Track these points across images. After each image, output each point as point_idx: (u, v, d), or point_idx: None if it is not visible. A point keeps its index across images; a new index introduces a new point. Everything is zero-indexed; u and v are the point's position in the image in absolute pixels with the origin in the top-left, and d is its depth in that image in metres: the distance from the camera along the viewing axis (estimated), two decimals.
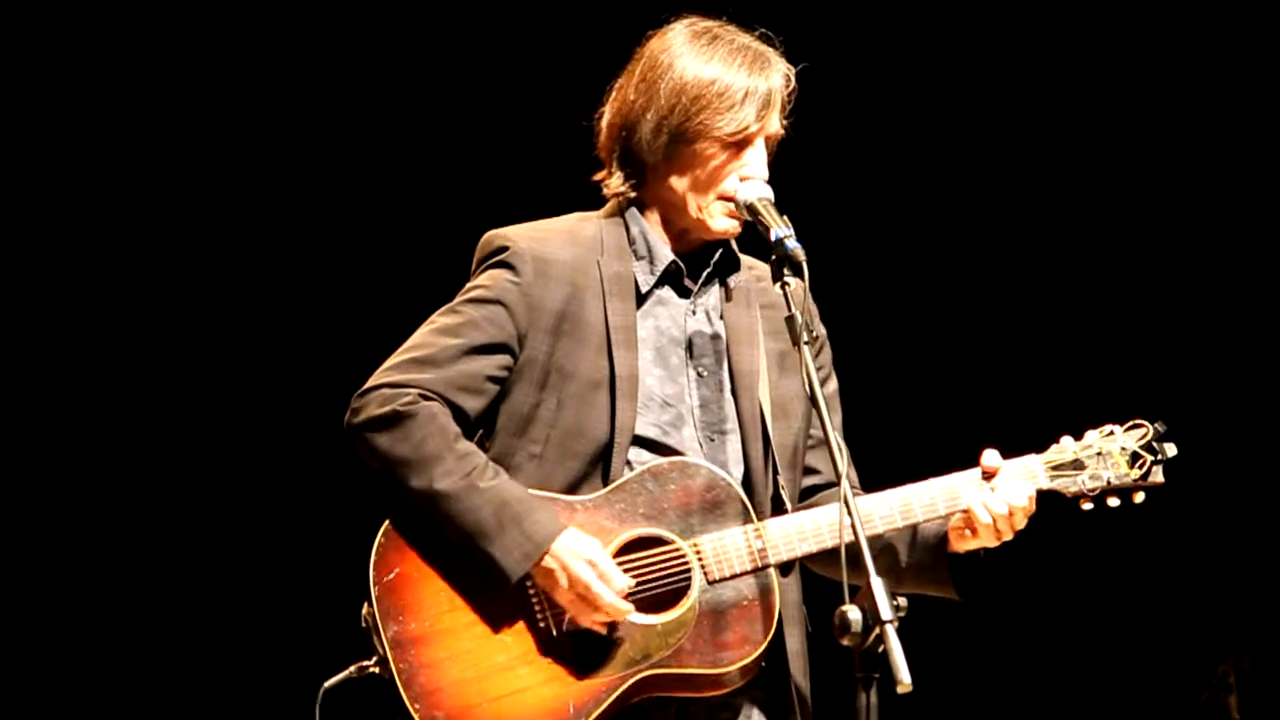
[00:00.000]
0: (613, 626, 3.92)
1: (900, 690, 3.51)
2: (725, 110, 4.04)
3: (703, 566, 3.96)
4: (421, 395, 3.96)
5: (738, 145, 4.08)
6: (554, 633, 3.92)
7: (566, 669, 3.91)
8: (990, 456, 4.05)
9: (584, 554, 3.90)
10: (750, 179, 4.08)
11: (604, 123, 4.19)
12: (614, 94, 4.19)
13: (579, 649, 3.92)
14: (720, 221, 4.09)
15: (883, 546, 4.09)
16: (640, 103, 4.11)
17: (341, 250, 6.93)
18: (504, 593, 3.92)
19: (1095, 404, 4.34)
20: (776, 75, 4.10)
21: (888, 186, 7.31)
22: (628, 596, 3.91)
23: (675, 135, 4.06)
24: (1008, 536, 4.05)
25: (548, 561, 3.89)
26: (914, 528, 4.09)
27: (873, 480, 4.12)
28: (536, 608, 3.93)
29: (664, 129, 4.07)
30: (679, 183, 4.09)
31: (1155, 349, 7.29)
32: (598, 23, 4.29)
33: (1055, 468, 4.08)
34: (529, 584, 3.92)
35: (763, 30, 4.19)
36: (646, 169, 4.13)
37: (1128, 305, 7.36)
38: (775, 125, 4.12)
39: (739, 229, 4.11)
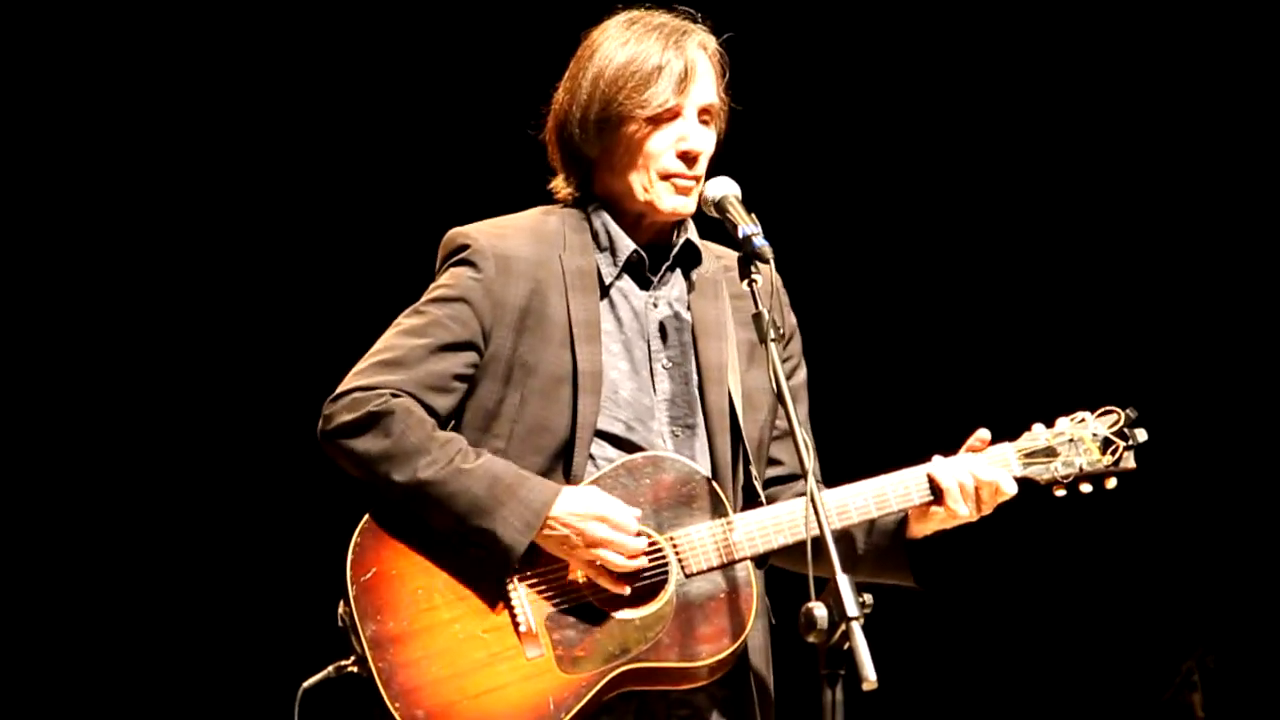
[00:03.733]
0: (592, 619, 3.92)
1: (866, 688, 3.51)
2: (643, 89, 4.06)
3: (679, 560, 3.95)
4: (393, 394, 3.96)
5: (666, 120, 4.08)
6: (533, 628, 3.91)
7: (546, 665, 3.89)
8: (982, 432, 4.07)
9: (591, 510, 3.91)
10: (689, 153, 4.07)
11: (547, 129, 4.21)
12: (552, 99, 4.21)
13: (558, 645, 3.90)
14: (668, 200, 4.08)
15: (840, 533, 4.05)
16: (568, 100, 4.14)
17: (307, 254, 6.92)
18: (493, 591, 3.91)
19: (1063, 391, 4.37)
20: (692, 47, 4.10)
21: (860, 181, 7.33)
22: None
23: (602, 124, 4.08)
24: (986, 509, 4.03)
25: (554, 528, 3.90)
26: None
27: (844, 473, 4.11)
28: (515, 604, 3.91)
29: (591, 120, 4.09)
30: (620, 170, 4.10)
31: (1123, 339, 7.32)
32: (566, 20, 4.29)
33: (1028, 455, 4.08)
34: (512, 578, 3.91)
35: (686, 9, 4.19)
36: (590, 164, 4.14)
37: (1096, 293, 7.40)
38: (705, 96, 4.11)
39: (692, 207, 4.11)
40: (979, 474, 4.03)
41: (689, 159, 4.09)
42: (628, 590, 3.93)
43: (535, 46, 4.92)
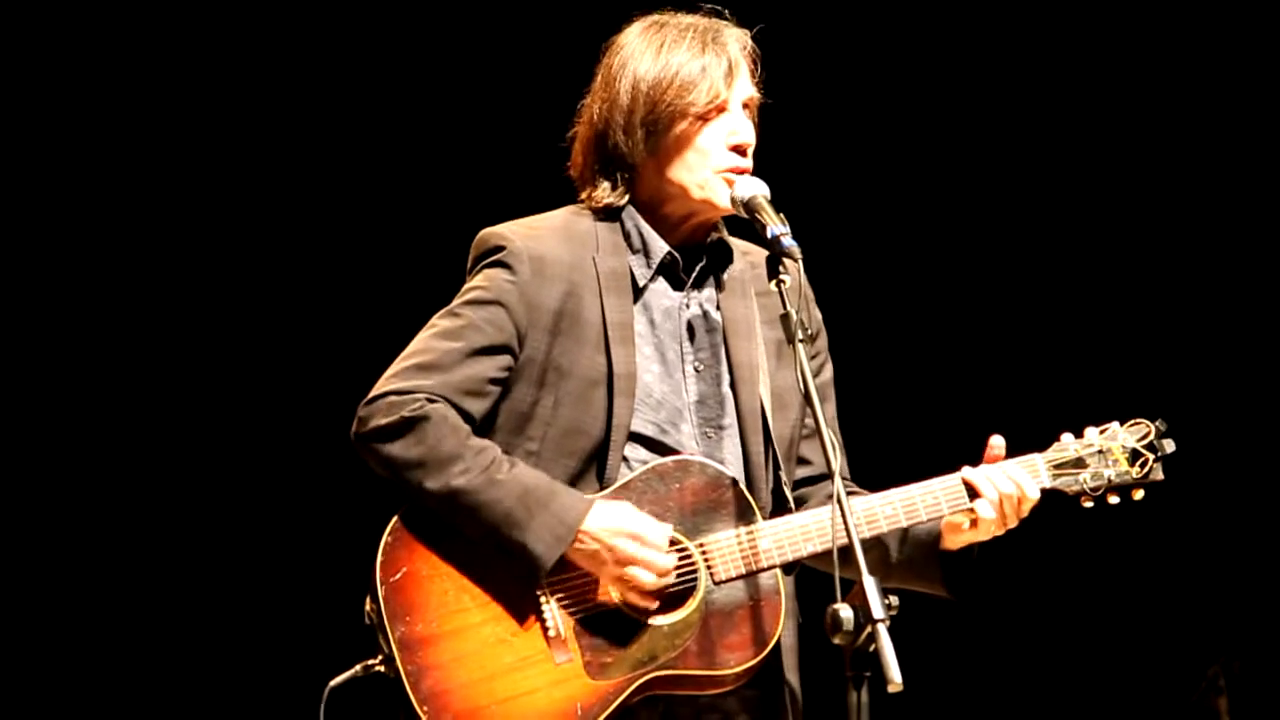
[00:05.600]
0: (621, 625, 3.92)
1: (891, 689, 3.51)
2: (691, 85, 4.05)
3: (708, 567, 3.96)
4: (428, 399, 3.95)
5: (714, 116, 4.08)
6: (562, 634, 3.91)
7: (574, 671, 3.90)
8: (996, 439, 4.06)
9: (622, 527, 3.91)
10: (741, 146, 4.08)
11: (578, 140, 4.19)
12: (582, 112, 4.20)
13: (587, 651, 3.91)
14: (724, 195, 4.07)
15: (873, 541, 4.07)
16: (605, 110, 4.12)
17: (341, 252, 6.92)
18: (524, 595, 3.92)
19: (1087, 402, 4.36)
20: (731, 42, 4.11)
21: (888, 183, 7.32)
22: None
23: (650, 127, 4.07)
24: (1012, 523, 4.04)
25: (585, 543, 3.90)
26: None
27: (872, 478, 4.12)
28: (545, 608, 3.92)
29: (637, 126, 4.08)
30: (673, 171, 4.09)
31: (1148, 349, 7.31)
32: (589, 23, 4.30)
33: (1058, 466, 4.08)
34: (542, 584, 3.91)
35: (709, 5, 4.20)
36: (635, 171, 4.12)
37: (1122, 303, 7.38)
38: (747, 90, 4.12)
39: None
40: (1011, 476, 4.02)
41: (741, 151, 4.10)
42: (655, 605, 3.93)
43: (560, 48, 4.94)
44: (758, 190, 4.04)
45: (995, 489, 4.02)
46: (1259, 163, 7.32)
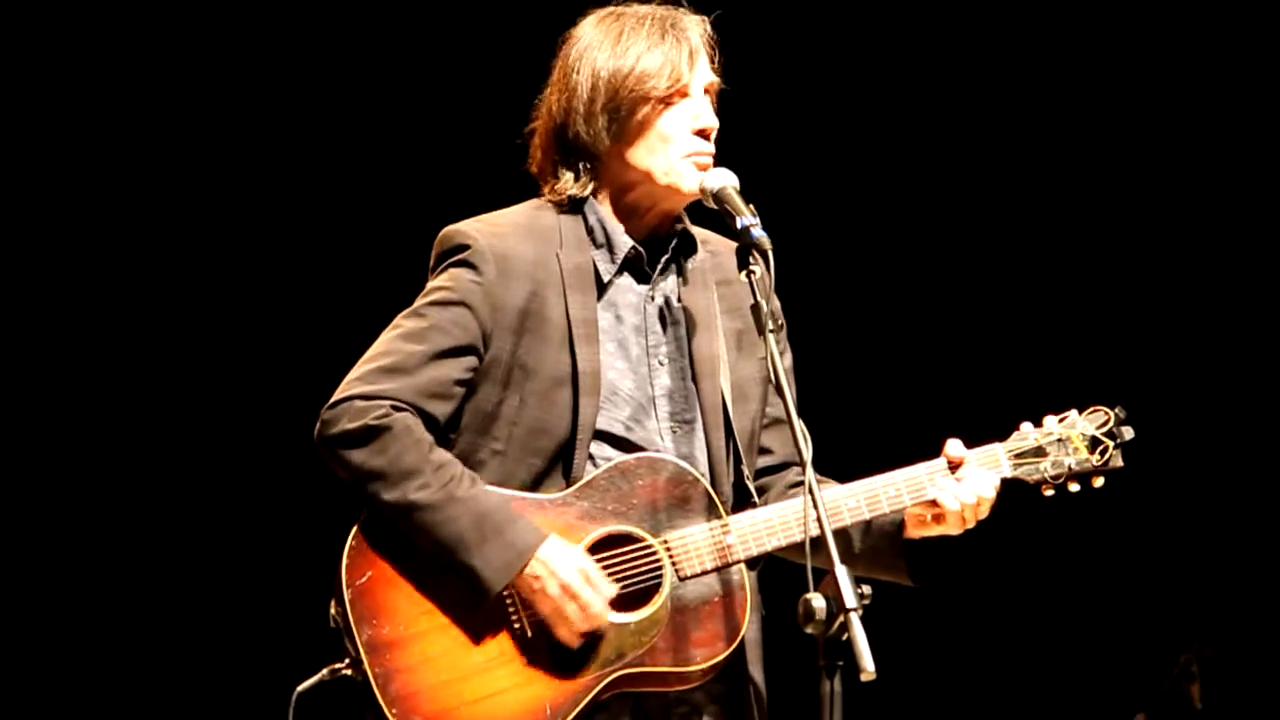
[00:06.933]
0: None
1: (864, 678, 3.53)
2: (652, 69, 4.05)
3: (673, 563, 3.96)
4: (393, 407, 3.94)
5: (676, 100, 4.08)
6: (529, 634, 3.91)
7: (543, 670, 3.90)
8: (954, 446, 4.07)
9: (571, 562, 3.90)
10: (705, 130, 4.08)
11: (537, 135, 4.18)
12: (539, 106, 4.20)
13: (554, 650, 3.91)
14: (691, 178, 4.06)
15: (836, 532, 4.05)
16: (565, 101, 4.11)
17: (300, 252, 6.92)
18: (482, 602, 3.91)
19: (1046, 390, 4.38)
20: (691, 27, 4.12)
21: (853, 178, 7.34)
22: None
23: (613, 114, 4.07)
24: (972, 525, 4.06)
25: (533, 568, 3.89)
26: None
27: (835, 469, 4.12)
28: (511, 609, 3.92)
29: (598, 113, 4.07)
30: (637, 157, 4.08)
31: (1110, 336, 7.33)
32: (545, 19, 4.31)
33: (1018, 455, 4.09)
34: (507, 590, 3.91)
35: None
36: (598, 161, 4.11)
37: (1082, 290, 7.40)
38: (707, 75, 4.12)
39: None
40: (973, 486, 4.03)
41: (705, 135, 4.10)
42: (579, 644, 3.92)
43: (518, 44, 4.94)
44: (727, 181, 4.03)
45: (958, 501, 4.03)
46: (1221, 150, 7.35)
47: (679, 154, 4.07)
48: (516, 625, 3.92)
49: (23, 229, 6.77)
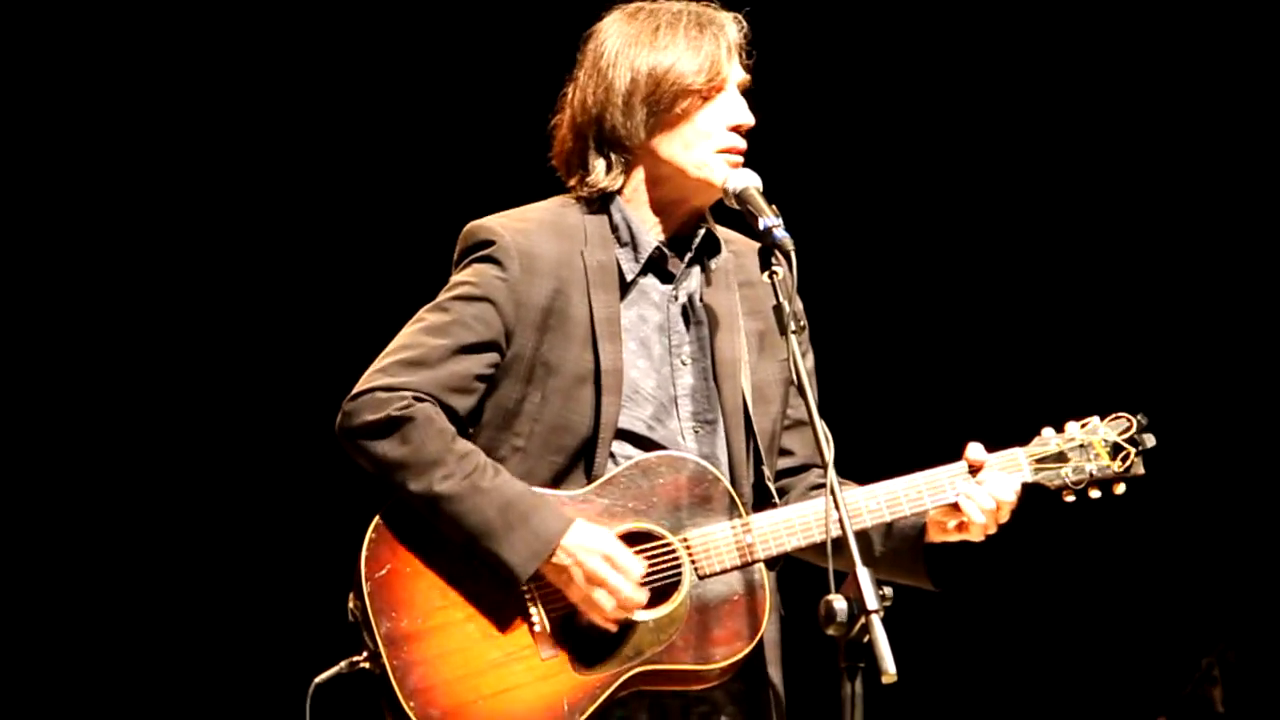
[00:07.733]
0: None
1: (885, 680, 3.52)
2: (692, 62, 4.05)
3: (693, 561, 3.96)
4: (415, 398, 3.94)
5: (714, 95, 4.08)
6: (548, 629, 3.92)
7: (561, 666, 3.91)
8: (975, 450, 4.06)
9: (597, 547, 3.90)
10: (740, 126, 4.08)
11: (564, 128, 4.17)
12: (568, 99, 4.18)
13: (573, 645, 3.92)
14: (723, 174, 4.06)
15: (857, 534, 4.07)
16: (601, 94, 4.09)
17: (323, 246, 6.93)
18: (508, 591, 3.91)
19: (1068, 395, 4.37)
20: (727, 24, 4.12)
21: (875, 180, 7.33)
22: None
23: (653, 106, 4.06)
24: (993, 531, 4.06)
25: (559, 557, 3.89)
26: None
27: (856, 472, 4.12)
28: (530, 604, 3.92)
29: (637, 105, 4.06)
30: (672, 150, 4.08)
31: (1133, 340, 7.32)
32: (564, 17, 4.31)
33: (1039, 461, 4.09)
34: (528, 583, 3.91)
35: None
36: (632, 151, 4.10)
37: (1104, 296, 7.39)
38: (742, 72, 4.13)
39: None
40: (993, 491, 4.03)
41: (740, 131, 4.10)
42: (615, 628, 3.92)
43: (540, 42, 4.95)
44: (750, 182, 4.03)
45: (978, 508, 4.03)
46: (1235, 153, 7.33)
47: (713, 148, 4.07)
48: (535, 619, 3.92)
49: (50, 228, 6.79)
